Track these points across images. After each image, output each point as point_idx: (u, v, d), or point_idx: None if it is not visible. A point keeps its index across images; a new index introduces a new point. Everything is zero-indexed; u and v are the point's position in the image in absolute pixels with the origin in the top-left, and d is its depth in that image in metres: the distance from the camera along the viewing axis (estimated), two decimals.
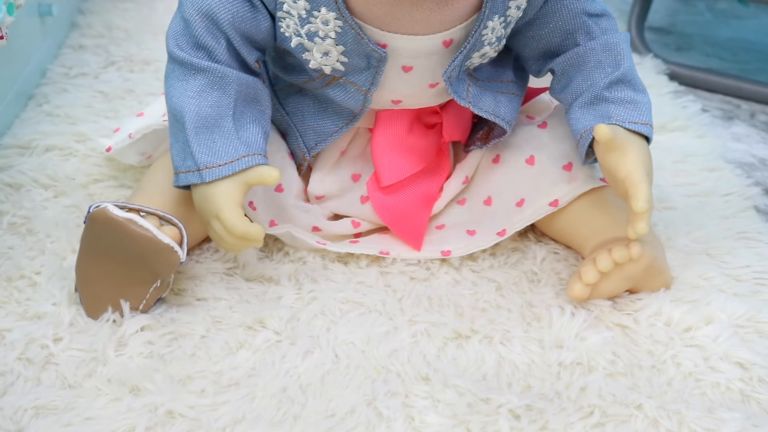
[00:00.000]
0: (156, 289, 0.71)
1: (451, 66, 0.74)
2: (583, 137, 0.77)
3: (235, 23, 0.71)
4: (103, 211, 0.69)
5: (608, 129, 0.72)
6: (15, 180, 0.89)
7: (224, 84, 0.71)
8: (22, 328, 0.70)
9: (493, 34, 0.74)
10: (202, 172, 0.71)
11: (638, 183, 0.71)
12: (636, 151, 0.73)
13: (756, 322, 0.75)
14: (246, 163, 0.71)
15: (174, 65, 0.73)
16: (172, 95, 0.72)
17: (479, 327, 0.73)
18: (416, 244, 0.82)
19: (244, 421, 0.63)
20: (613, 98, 0.76)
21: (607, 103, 0.76)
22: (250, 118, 0.73)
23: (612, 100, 0.76)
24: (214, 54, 0.71)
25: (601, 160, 0.75)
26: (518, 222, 0.82)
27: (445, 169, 0.85)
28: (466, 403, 0.65)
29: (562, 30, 0.78)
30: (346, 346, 0.71)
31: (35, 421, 0.62)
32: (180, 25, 0.72)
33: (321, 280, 0.79)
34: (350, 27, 0.70)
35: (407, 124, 0.80)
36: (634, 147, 0.74)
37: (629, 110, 0.76)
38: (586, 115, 0.77)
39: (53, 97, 1.06)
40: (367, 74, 0.74)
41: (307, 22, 0.71)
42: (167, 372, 0.66)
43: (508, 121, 0.81)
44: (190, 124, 0.71)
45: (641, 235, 0.72)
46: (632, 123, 0.75)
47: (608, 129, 0.72)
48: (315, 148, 0.81)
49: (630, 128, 0.75)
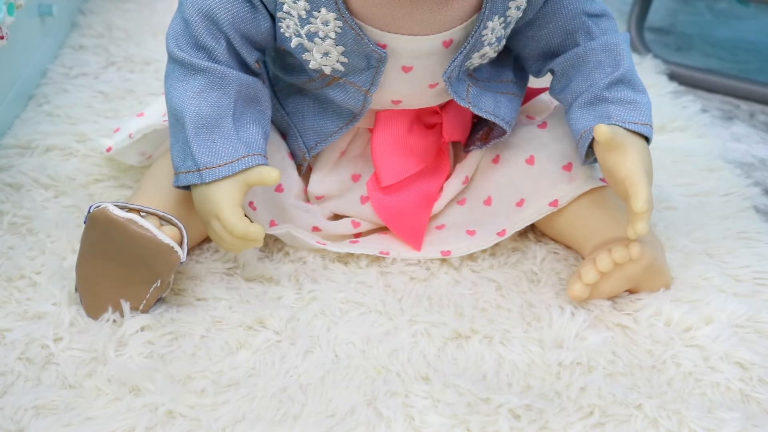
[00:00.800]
0: (156, 289, 0.71)
1: (451, 66, 0.74)
2: (583, 137, 0.77)
3: (235, 23, 0.71)
4: (104, 211, 0.69)
5: (608, 129, 0.72)
6: (15, 180, 0.89)
7: (224, 84, 0.72)
8: (23, 328, 0.70)
9: (493, 34, 0.74)
10: (202, 173, 0.71)
11: (638, 183, 0.71)
12: (636, 151, 0.73)
13: (756, 322, 0.75)
14: (246, 163, 0.71)
15: (174, 65, 0.73)
16: (172, 95, 0.72)
17: (479, 327, 0.73)
18: (416, 244, 0.82)
19: (244, 421, 0.63)
20: (612, 98, 0.76)
21: (607, 104, 0.76)
22: (250, 119, 0.73)
23: (612, 100, 0.76)
24: (214, 54, 0.72)
25: (600, 161, 0.75)
26: (518, 222, 0.82)
27: (445, 169, 0.85)
28: (466, 403, 0.65)
29: (561, 30, 0.78)
30: (346, 346, 0.71)
31: (35, 420, 0.62)
32: (180, 26, 0.72)
33: (321, 280, 0.79)
34: (350, 27, 0.70)
35: (407, 125, 0.80)
36: (634, 147, 0.74)
37: (629, 110, 0.76)
38: (585, 116, 0.77)
39: (53, 97, 1.06)
40: (367, 74, 0.74)
41: (307, 22, 0.71)
42: (167, 372, 0.67)
43: (508, 122, 0.81)
44: (190, 125, 0.71)
45: (641, 235, 0.72)
46: (632, 123, 0.75)
47: (608, 129, 0.72)
48: (315, 148, 0.81)
49: (630, 128, 0.75)
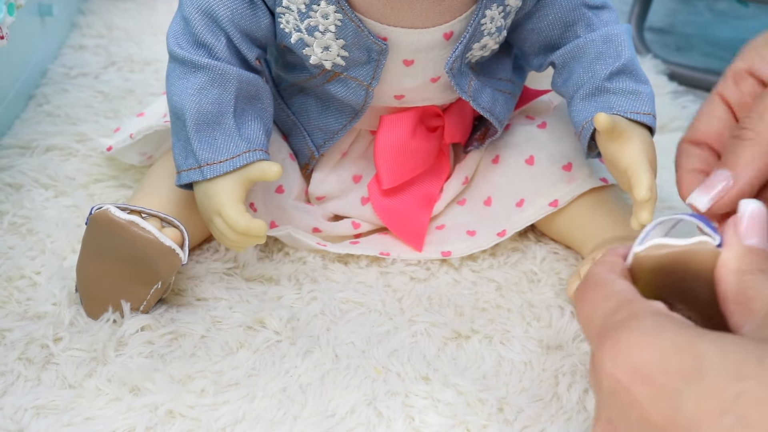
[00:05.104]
0: (157, 290, 0.71)
1: (452, 57, 0.74)
2: (585, 128, 0.75)
3: (234, 20, 0.71)
4: (105, 213, 0.69)
5: (608, 117, 0.70)
6: (15, 180, 0.89)
7: (224, 81, 0.71)
8: (23, 328, 0.70)
9: (493, 23, 0.74)
10: (203, 169, 0.71)
11: (640, 172, 0.70)
12: (638, 140, 0.72)
13: None
14: (247, 158, 0.71)
15: (174, 64, 0.73)
16: (173, 93, 0.72)
17: (479, 327, 0.73)
18: (417, 245, 0.82)
19: (244, 421, 0.63)
20: (614, 89, 0.75)
21: (609, 94, 0.75)
22: (251, 116, 0.73)
23: (613, 90, 0.75)
24: (214, 51, 0.71)
25: (603, 151, 0.73)
26: (518, 222, 0.82)
27: (445, 170, 0.85)
28: (465, 403, 0.65)
29: (561, 22, 0.78)
30: (346, 346, 0.71)
31: (35, 420, 0.62)
32: (180, 24, 0.72)
33: (321, 280, 0.79)
34: (350, 20, 0.70)
35: (411, 128, 0.80)
36: (636, 136, 0.72)
37: (630, 100, 0.74)
38: (587, 107, 0.76)
39: (53, 97, 1.06)
40: (368, 68, 0.74)
41: (306, 16, 0.71)
42: (167, 372, 0.67)
43: (501, 121, 0.81)
44: (190, 122, 0.71)
45: (645, 224, 0.71)
46: (633, 113, 0.74)
47: (608, 117, 0.70)
48: (324, 146, 0.81)
49: (631, 118, 0.73)
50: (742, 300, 0.53)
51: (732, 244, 0.56)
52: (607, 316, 0.52)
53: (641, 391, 0.47)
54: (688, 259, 0.57)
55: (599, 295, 0.54)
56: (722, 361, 0.46)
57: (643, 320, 0.49)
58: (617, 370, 0.48)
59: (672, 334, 0.48)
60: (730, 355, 0.46)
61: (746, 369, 0.45)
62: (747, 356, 0.46)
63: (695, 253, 0.56)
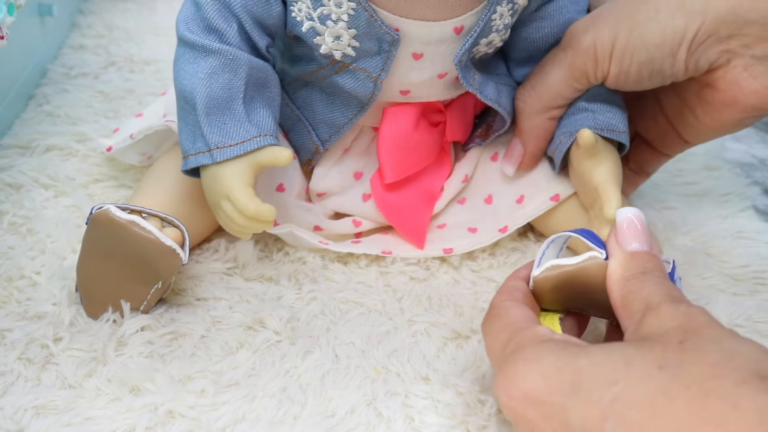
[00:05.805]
0: (157, 290, 0.71)
1: (462, 50, 0.74)
2: (562, 143, 0.79)
3: (247, 7, 0.71)
4: (106, 213, 0.69)
5: (591, 135, 0.74)
6: (15, 180, 0.89)
7: (235, 66, 0.71)
8: (22, 328, 0.70)
9: (501, 20, 0.74)
10: (212, 153, 0.70)
11: (610, 191, 0.74)
12: (611, 160, 0.76)
13: (755, 321, 0.75)
14: (257, 143, 0.71)
15: (184, 49, 0.72)
16: (183, 78, 0.71)
17: (479, 327, 0.73)
18: (419, 242, 0.82)
19: (244, 421, 0.63)
20: (591, 107, 0.78)
21: (586, 112, 0.78)
22: (260, 103, 0.73)
23: (590, 109, 0.78)
24: (226, 36, 0.71)
25: (576, 165, 0.77)
26: (520, 218, 0.83)
27: (446, 168, 0.85)
28: (465, 404, 0.65)
29: (554, 38, 0.80)
30: (346, 346, 0.71)
31: (35, 420, 0.62)
32: (191, 10, 0.72)
33: (321, 280, 0.79)
34: (363, 9, 0.70)
35: (413, 121, 0.80)
36: (610, 155, 0.76)
37: (607, 118, 0.78)
38: (564, 122, 0.79)
39: (53, 97, 1.06)
40: (378, 60, 0.74)
41: (319, 4, 0.71)
42: (167, 372, 0.67)
43: (509, 112, 0.81)
44: (201, 105, 0.70)
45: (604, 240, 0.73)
46: (610, 131, 0.77)
47: (591, 135, 0.74)
48: (329, 140, 0.81)
49: (607, 136, 0.77)
50: (626, 304, 0.57)
51: (615, 254, 0.60)
52: (502, 348, 0.57)
53: (534, 414, 0.51)
54: (582, 274, 0.61)
55: (497, 327, 0.59)
56: (596, 370, 0.50)
57: (526, 350, 0.54)
58: (511, 400, 0.53)
59: (552, 357, 0.52)
60: (602, 363, 0.50)
61: (616, 374, 0.49)
62: (616, 361, 0.49)
63: (587, 269, 0.60)
